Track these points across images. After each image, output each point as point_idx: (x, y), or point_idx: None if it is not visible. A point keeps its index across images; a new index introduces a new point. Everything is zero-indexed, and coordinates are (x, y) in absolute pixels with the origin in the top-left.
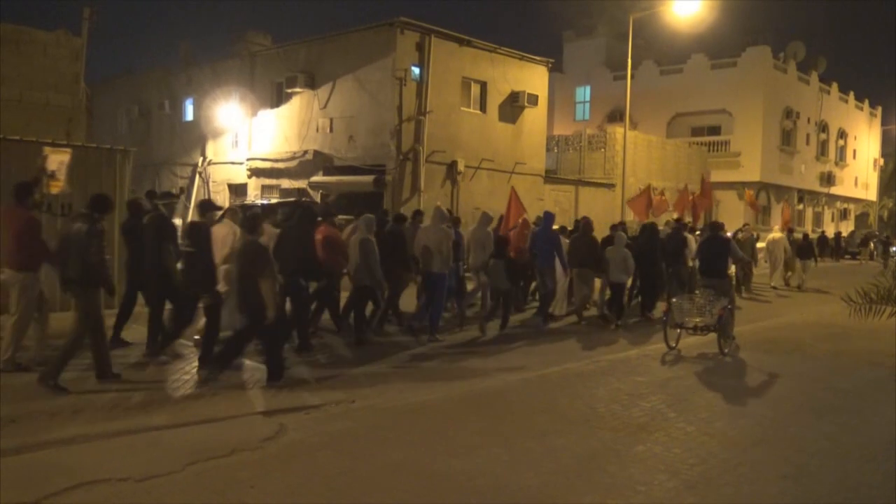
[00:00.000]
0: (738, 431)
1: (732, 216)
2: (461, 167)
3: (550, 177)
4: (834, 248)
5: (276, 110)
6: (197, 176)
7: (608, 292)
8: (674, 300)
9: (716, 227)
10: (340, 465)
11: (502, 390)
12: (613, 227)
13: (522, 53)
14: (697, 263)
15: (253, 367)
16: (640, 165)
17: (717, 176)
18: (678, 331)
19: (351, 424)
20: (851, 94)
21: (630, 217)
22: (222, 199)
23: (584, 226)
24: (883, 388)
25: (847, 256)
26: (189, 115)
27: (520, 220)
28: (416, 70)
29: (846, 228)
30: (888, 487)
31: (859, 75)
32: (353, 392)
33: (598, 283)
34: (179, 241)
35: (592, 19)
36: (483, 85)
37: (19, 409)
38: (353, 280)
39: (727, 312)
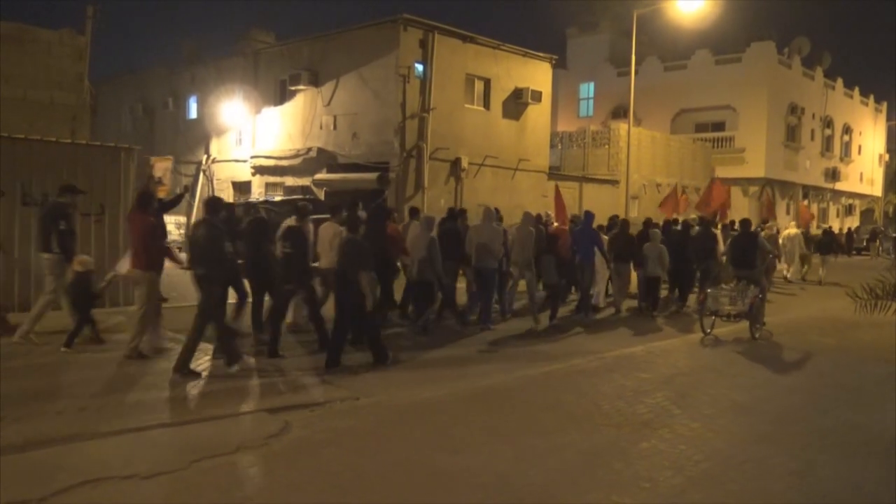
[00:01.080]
0: (743, 428)
1: (737, 212)
2: (465, 164)
3: (554, 173)
4: (845, 243)
5: (279, 108)
6: (201, 174)
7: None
8: (709, 290)
9: (746, 224)
10: (345, 463)
11: (506, 388)
12: (647, 225)
13: (526, 50)
14: (725, 258)
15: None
16: (644, 162)
17: (721, 172)
18: (713, 318)
19: (355, 422)
20: (857, 89)
21: (634, 213)
22: (226, 196)
23: (622, 224)
24: (888, 385)
25: (853, 252)
26: (193, 112)
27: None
28: (420, 67)
29: (851, 224)
30: (892, 483)
31: (864, 70)
32: (358, 389)
33: (633, 277)
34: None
35: (596, 16)
36: (487, 82)
37: (23, 407)
38: (416, 274)
39: (758, 301)
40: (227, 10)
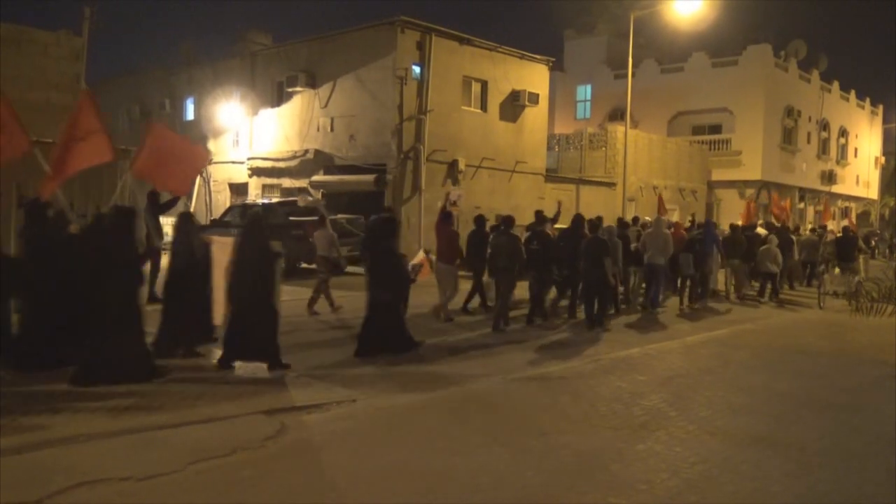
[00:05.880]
0: (740, 429)
1: (733, 215)
2: (462, 166)
3: (551, 175)
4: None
5: (276, 109)
6: (198, 175)
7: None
8: (825, 276)
9: (847, 230)
10: (342, 465)
11: (503, 389)
12: (748, 228)
13: (523, 52)
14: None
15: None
16: (641, 164)
17: (718, 174)
18: (826, 296)
19: (352, 424)
20: (853, 92)
21: (631, 215)
22: (223, 198)
23: (734, 229)
24: (884, 386)
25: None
26: (190, 114)
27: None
28: (417, 69)
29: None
30: (889, 485)
31: (860, 73)
32: (355, 391)
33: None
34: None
35: (593, 18)
36: (484, 84)
37: (22, 407)
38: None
39: (859, 284)
40: (225, 12)
